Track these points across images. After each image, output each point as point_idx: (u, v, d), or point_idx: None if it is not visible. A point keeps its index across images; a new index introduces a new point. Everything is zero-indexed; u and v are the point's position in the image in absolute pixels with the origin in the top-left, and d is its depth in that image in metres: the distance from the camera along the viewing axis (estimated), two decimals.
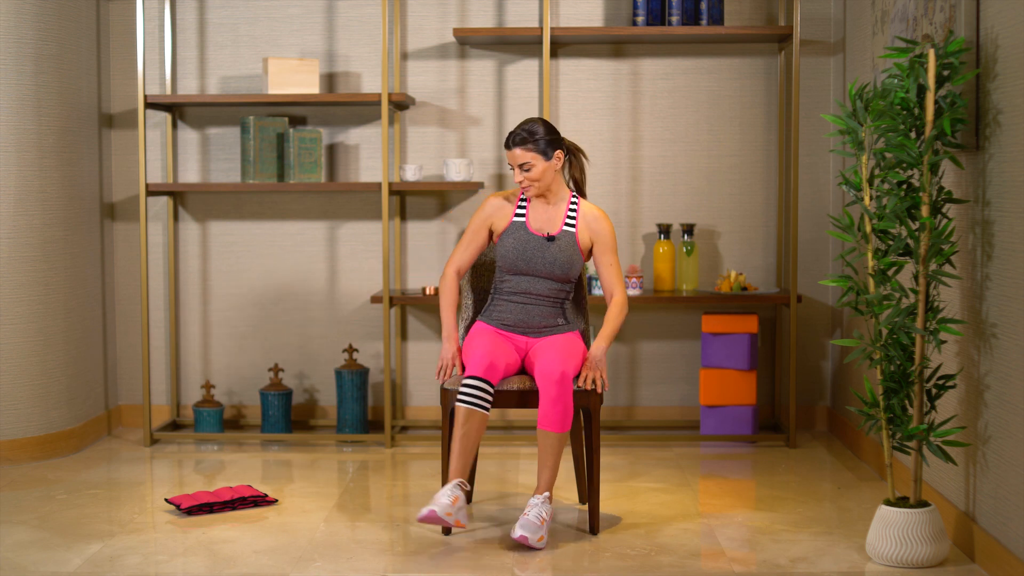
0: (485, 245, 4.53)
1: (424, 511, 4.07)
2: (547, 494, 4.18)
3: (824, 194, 5.92)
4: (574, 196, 4.49)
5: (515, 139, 4.38)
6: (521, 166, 4.37)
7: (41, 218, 5.39)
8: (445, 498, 4.09)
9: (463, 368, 4.34)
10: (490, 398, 4.18)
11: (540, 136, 4.38)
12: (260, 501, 4.63)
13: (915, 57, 3.82)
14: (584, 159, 4.57)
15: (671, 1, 5.63)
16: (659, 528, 4.35)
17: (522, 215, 4.46)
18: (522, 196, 4.50)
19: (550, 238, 4.40)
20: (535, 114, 5.91)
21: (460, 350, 4.40)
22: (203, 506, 4.53)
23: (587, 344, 4.52)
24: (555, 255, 4.39)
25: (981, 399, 3.90)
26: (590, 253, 4.49)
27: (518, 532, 4.06)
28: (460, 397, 4.17)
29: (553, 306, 4.44)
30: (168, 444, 5.74)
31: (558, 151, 4.40)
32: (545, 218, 4.45)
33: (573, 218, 4.44)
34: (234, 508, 4.58)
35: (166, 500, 4.59)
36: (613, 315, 4.42)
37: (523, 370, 4.43)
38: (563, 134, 5.92)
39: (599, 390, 4.27)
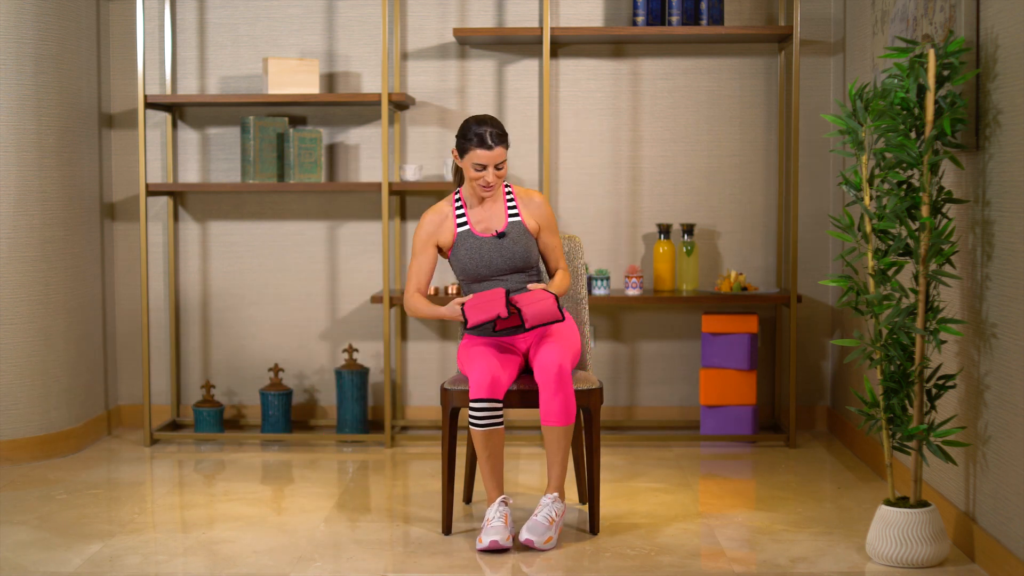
0: (436, 260, 4.38)
1: (485, 540, 4.01)
2: (556, 494, 4.14)
3: (824, 194, 5.92)
4: (506, 185, 4.37)
5: (496, 137, 4.22)
6: (497, 166, 4.23)
7: (41, 218, 5.39)
8: (498, 521, 4.05)
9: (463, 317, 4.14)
10: (500, 413, 4.10)
11: (505, 131, 4.28)
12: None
13: (915, 57, 3.82)
14: None
15: (671, 1, 5.63)
16: (659, 528, 4.35)
17: (464, 223, 4.32)
18: (456, 204, 4.36)
19: (500, 235, 4.28)
20: (535, 114, 5.91)
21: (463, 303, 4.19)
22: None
23: (583, 338, 4.50)
24: (511, 249, 4.28)
25: (981, 399, 3.90)
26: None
27: (524, 535, 4.05)
28: (473, 421, 4.08)
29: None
30: (168, 444, 5.74)
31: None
32: (487, 216, 4.33)
33: (514, 206, 4.33)
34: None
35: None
36: (560, 276, 4.36)
37: (528, 368, 4.37)
38: (563, 134, 5.92)
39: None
